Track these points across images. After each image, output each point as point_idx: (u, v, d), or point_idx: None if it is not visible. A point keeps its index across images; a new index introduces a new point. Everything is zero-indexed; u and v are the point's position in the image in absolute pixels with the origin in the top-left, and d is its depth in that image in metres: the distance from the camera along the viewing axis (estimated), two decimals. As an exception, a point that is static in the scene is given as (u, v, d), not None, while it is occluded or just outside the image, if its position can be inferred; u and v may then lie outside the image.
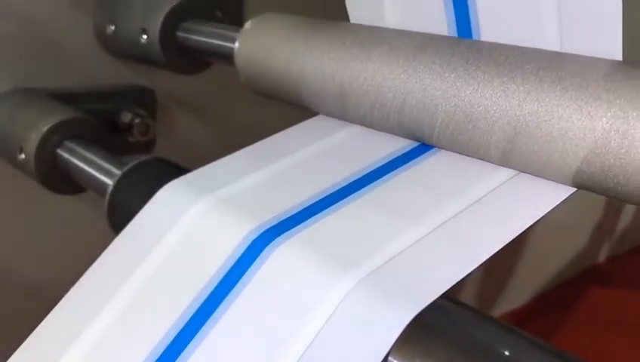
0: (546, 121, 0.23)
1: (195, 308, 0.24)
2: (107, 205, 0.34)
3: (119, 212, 0.33)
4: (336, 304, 0.21)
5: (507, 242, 0.24)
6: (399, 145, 0.30)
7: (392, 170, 0.29)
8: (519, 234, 0.24)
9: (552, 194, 0.25)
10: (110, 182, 0.35)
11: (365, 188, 0.28)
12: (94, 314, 0.27)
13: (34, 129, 0.40)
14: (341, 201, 0.27)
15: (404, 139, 0.30)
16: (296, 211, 0.27)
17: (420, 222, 0.25)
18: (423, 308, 0.20)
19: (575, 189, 0.25)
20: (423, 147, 0.30)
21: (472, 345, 0.21)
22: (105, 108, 0.50)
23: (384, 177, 0.28)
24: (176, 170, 0.32)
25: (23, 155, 0.41)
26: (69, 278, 0.30)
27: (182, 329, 0.25)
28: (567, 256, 1.03)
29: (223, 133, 0.59)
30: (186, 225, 0.27)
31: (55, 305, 0.29)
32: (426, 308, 0.20)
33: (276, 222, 0.26)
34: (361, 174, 0.29)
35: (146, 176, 0.33)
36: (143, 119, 0.50)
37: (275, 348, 0.22)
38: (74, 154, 0.39)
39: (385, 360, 0.20)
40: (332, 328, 0.21)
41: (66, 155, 0.40)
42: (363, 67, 0.30)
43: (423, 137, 0.29)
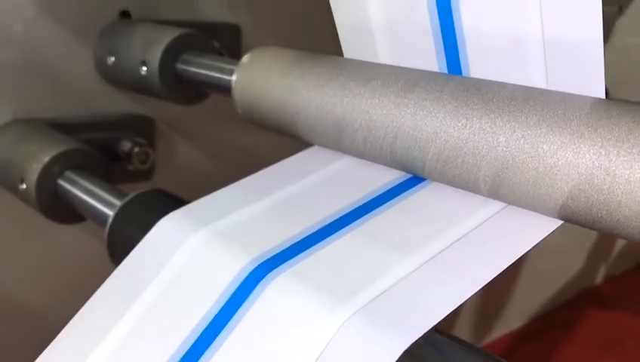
0: (532, 158, 0.24)
1: (191, 341, 0.25)
2: (107, 236, 0.35)
3: (119, 243, 0.34)
4: (330, 337, 0.22)
5: (496, 275, 0.24)
6: (392, 177, 0.31)
7: (385, 202, 0.30)
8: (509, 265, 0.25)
9: (540, 228, 0.25)
10: (110, 212, 0.36)
11: (359, 220, 0.28)
12: (91, 347, 0.27)
13: (35, 159, 0.41)
14: (335, 234, 0.28)
15: (397, 171, 0.31)
16: (290, 244, 0.27)
17: (412, 255, 0.25)
18: (414, 341, 0.21)
19: (562, 222, 0.25)
20: (415, 179, 0.30)
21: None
22: (104, 138, 0.51)
23: (377, 209, 0.29)
24: (175, 202, 0.33)
25: (24, 185, 0.42)
26: (69, 308, 0.31)
27: None
28: (564, 277, 1.03)
29: (222, 161, 0.60)
30: (183, 259, 0.28)
31: (53, 335, 0.30)
32: (417, 340, 0.21)
33: (271, 255, 0.27)
34: (355, 206, 0.29)
35: (146, 207, 0.34)
36: (142, 148, 0.51)
37: (270, 380, 0.22)
38: (75, 184, 0.40)
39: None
40: (326, 361, 0.22)
41: (66, 186, 0.41)
42: (356, 102, 0.31)
43: (415, 170, 0.30)
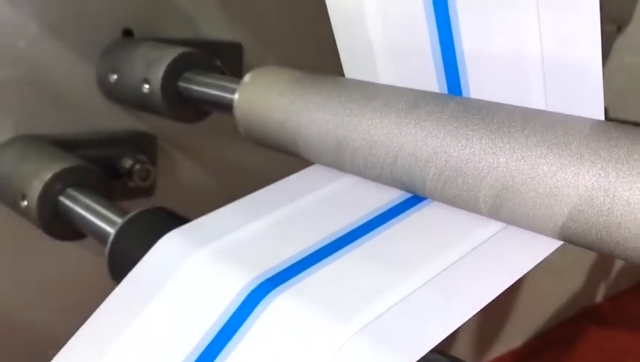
0: (532, 178, 0.24)
1: (192, 360, 0.25)
2: (108, 254, 0.35)
3: (120, 261, 0.34)
4: (330, 357, 0.22)
5: (496, 295, 0.24)
6: (393, 196, 0.31)
7: (385, 221, 0.30)
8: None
9: (540, 248, 0.26)
10: (112, 230, 0.36)
11: (359, 239, 0.28)
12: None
13: (37, 177, 0.41)
14: (336, 253, 0.28)
15: (398, 190, 0.31)
16: (291, 263, 0.27)
17: (412, 276, 0.25)
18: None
19: (562, 243, 0.25)
20: (416, 198, 0.31)
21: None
22: (106, 155, 0.51)
23: (378, 228, 0.29)
24: (176, 220, 0.33)
25: (25, 202, 0.42)
26: (68, 326, 0.31)
27: (180, 381, 0.25)
28: (565, 295, 1.03)
29: (223, 178, 0.60)
30: (184, 278, 0.28)
31: (53, 352, 0.30)
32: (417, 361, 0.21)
33: (273, 274, 0.27)
34: (356, 225, 0.29)
35: (147, 225, 0.34)
36: (143, 165, 0.51)
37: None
38: (76, 201, 0.40)
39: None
40: (327, 381, 0.22)
41: (68, 203, 0.41)
42: (357, 122, 0.31)
43: (416, 189, 0.30)
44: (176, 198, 0.55)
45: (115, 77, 0.48)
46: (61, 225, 0.41)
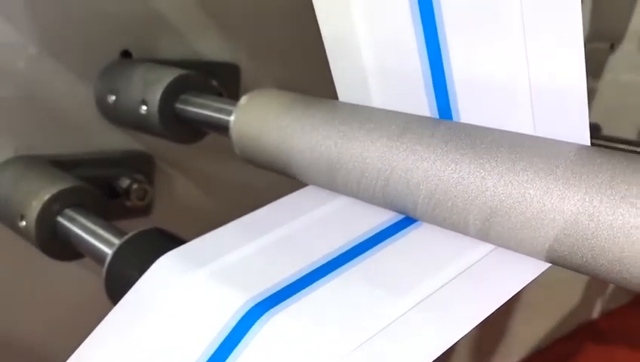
0: (519, 203, 0.25)
1: (188, 382, 0.25)
2: (105, 274, 0.35)
3: (117, 281, 0.35)
4: (323, 379, 0.23)
5: (486, 316, 0.25)
6: (385, 217, 0.32)
7: (378, 242, 0.30)
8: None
9: (528, 270, 0.26)
10: (109, 251, 0.36)
11: (352, 261, 0.29)
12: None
13: (35, 197, 0.42)
14: (329, 275, 0.28)
15: (390, 211, 0.32)
16: (286, 284, 0.28)
17: (404, 297, 0.26)
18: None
19: (549, 265, 0.26)
20: (408, 220, 0.31)
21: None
22: (104, 175, 0.51)
23: (371, 250, 0.30)
24: (172, 241, 0.33)
25: (23, 222, 0.43)
26: (65, 346, 0.31)
27: (175, 402, 0.25)
28: (562, 311, 1.03)
29: (220, 198, 0.60)
30: (180, 299, 0.28)
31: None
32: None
33: (267, 296, 0.27)
34: (349, 247, 0.30)
35: (144, 246, 0.35)
36: (140, 184, 0.52)
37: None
38: (74, 222, 0.41)
39: None
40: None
41: (66, 223, 0.41)
42: (350, 145, 0.31)
43: (407, 211, 0.30)
44: (174, 217, 0.56)
45: (113, 98, 0.49)
46: (59, 246, 0.42)
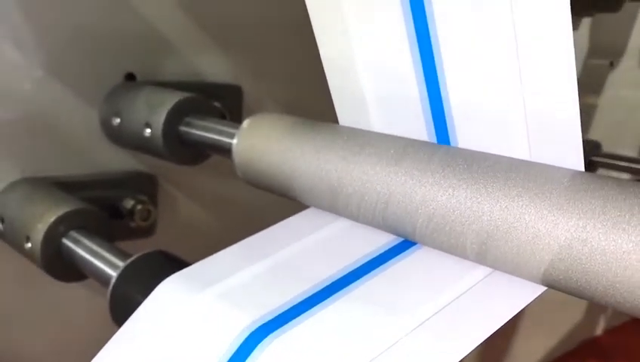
0: (514, 228, 0.25)
1: (191, 405, 0.26)
2: (109, 296, 0.36)
3: (121, 304, 0.35)
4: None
5: (484, 339, 0.25)
6: (385, 240, 0.32)
7: (378, 265, 0.31)
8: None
9: (525, 293, 0.27)
10: (114, 273, 0.37)
11: (352, 284, 0.29)
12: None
13: (40, 220, 0.42)
14: (330, 298, 0.29)
15: (390, 234, 0.32)
16: (288, 307, 0.28)
17: (403, 320, 0.26)
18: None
19: (545, 288, 0.26)
20: (407, 243, 0.32)
21: None
22: (108, 196, 0.52)
23: (371, 273, 0.30)
24: (176, 264, 0.34)
25: (29, 244, 0.43)
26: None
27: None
28: (565, 328, 1.03)
29: (223, 218, 0.61)
30: (182, 323, 0.29)
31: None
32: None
33: (269, 319, 0.28)
34: (349, 270, 0.31)
35: (148, 269, 0.35)
36: (144, 205, 0.52)
37: None
38: (79, 244, 0.41)
39: None
40: None
41: (71, 245, 0.42)
42: (350, 168, 0.32)
43: (406, 235, 0.31)
44: (177, 238, 0.56)
45: (117, 120, 0.50)
46: (64, 267, 0.42)
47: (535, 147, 0.28)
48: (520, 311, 0.26)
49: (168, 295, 0.31)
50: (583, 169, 0.26)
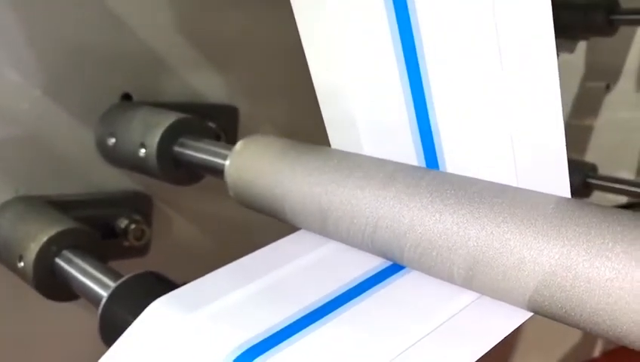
0: (500, 254, 0.25)
1: None
2: (100, 316, 0.36)
3: (111, 324, 0.35)
4: None
5: (471, 363, 0.25)
6: (374, 264, 0.32)
7: (367, 289, 0.31)
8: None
9: (511, 318, 0.27)
10: (104, 293, 0.37)
11: (341, 307, 0.29)
12: None
13: (33, 239, 0.43)
14: (319, 321, 0.29)
15: (379, 258, 0.32)
16: (276, 330, 0.28)
17: (390, 344, 0.26)
18: None
19: (532, 314, 0.27)
20: (395, 266, 0.32)
21: None
22: (102, 215, 0.52)
23: (359, 297, 0.30)
24: (167, 285, 0.34)
25: (22, 263, 0.43)
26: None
27: None
28: (563, 350, 1.03)
29: (217, 237, 0.61)
30: (170, 345, 0.29)
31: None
32: None
33: (257, 342, 0.28)
34: (339, 293, 0.31)
35: (138, 290, 0.35)
36: (138, 224, 0.53)
37: None
38: (71, 264, 0.41)
39: None
40: None
41: (63, 265, 0.42)
42: (340, 192, 0.32)
43: (395, 259, 0.31)
44: (171, 257, 0.57)
45: (113, 140, 0.50)
46: (56, 287, 0.42)
47: (522, 173, 0.28)
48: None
49: (158, 316, 0.31)
50: (569, 195, 0.27)
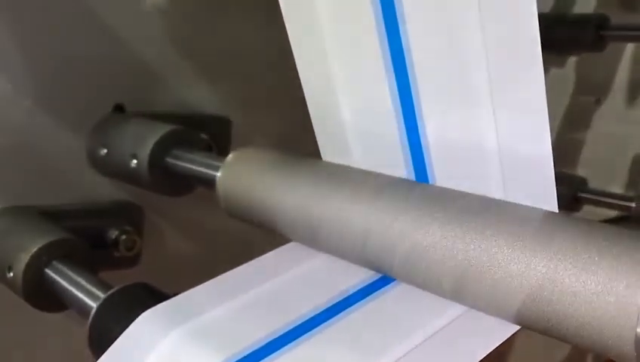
0: (488, 267, 0.26)
1: None
2: (89, 328, 0.36)
3: (100, 336, 0.35)
4: None
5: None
6: (364, 276, 0.32)
7: (356, 301, 0.31)
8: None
9: (499, 331, 0.27)
10: (94, 304, 0.36)
11: (330, 320, 0.30)
12: None
13: (23, 250, 0.42)
14: (307, 334, 0.29)
15: (369, 270, 0.33)
16: (265, 343, 0.28)
17: (379, 357, 0.26)
18: None
19: (519, 327, 0.27)
20: (385, 279, 0.32)
21: None
22: (93, 225, 0.52)
23: (348, 309, 0.30)
24: (156, 297, 0.34)
25: (11, 274, 0.43)
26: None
27: None
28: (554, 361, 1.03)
29: (208, 248, 0.61)
30: (159, 357, 0.29)
31: None
32: None
33: (247, 354, 0.28)
34: (328, 306, 0.31)
35: (128, 301, 0.35)
36: (129, 235, 0.52)
37: None
38: (61, 274, 0.41)
39: None
40: None
41: (53, 275, 0.42)
42: (330, 204, 0.32)
43: (385, 271, 0.31)
44: (162, 268, 0.56)
45: (104, 151, 0.50)
46: (46, 298, 0.42)
47: (510, 186, 0.28)
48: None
49: (146, 328, 0.31)
50: (556, 209, 0.27)
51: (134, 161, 0.47)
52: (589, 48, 0.75)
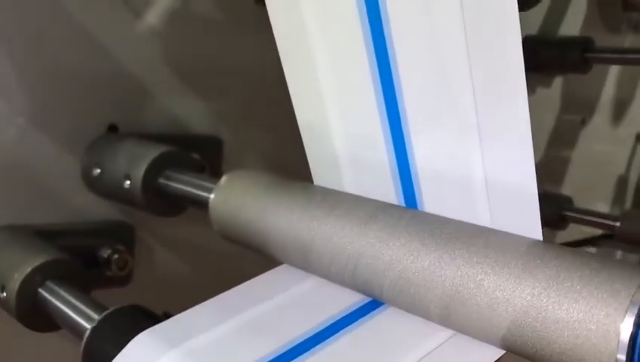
0: (474, 294, 0.26)
1: None
2: (83, 349, 0.36)
3: (94, 357, 0.35)
4: None
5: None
6: (354, 299, 0.33)
7: (347, 325, 0.32)
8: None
9: (485, 356, 0.28)
10: (88, 326, 0.37)
11: (321, 344, 0.30)
12: None
13: (17, 269, 0.43)
14: (299, 357, 0.29)
15: (359, 293, 0.33)
16: (255, 367, 0.29)
17: (368, 380, 0.27)
18: None
19: (504, 351, 0.28)
20: (375, 303, 0.33)
21: None
22: (86, 244, 0.52)
23: (339, 333, 0.31)
24: (150, 319, 0.34)
25: (4, 293, 0.43)
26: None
27: None
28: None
29: (200, 268, 0.62)
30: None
31: None
32: None
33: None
34: (319, 329, 0.31)
35: (122, 323, 0.36)
36: (121, 254, 0.53)
37: None
38: (55, 295, 0.41)
39: None
40: None
41: (46, 295, 0.42)
42: (321, 229, 0.33)
43: (375, 295, 0.32)
44: (153, 288, 0.57)
45: (98, 171, 0.51)
46: (39, 318, 0.42)
47: (496, 214, 0.29)
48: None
49: (140, 351, 0.31)
50: (540, 237, 0.28)
51: (128, 182, 0.47)
52: (574, 70, 0.77)
